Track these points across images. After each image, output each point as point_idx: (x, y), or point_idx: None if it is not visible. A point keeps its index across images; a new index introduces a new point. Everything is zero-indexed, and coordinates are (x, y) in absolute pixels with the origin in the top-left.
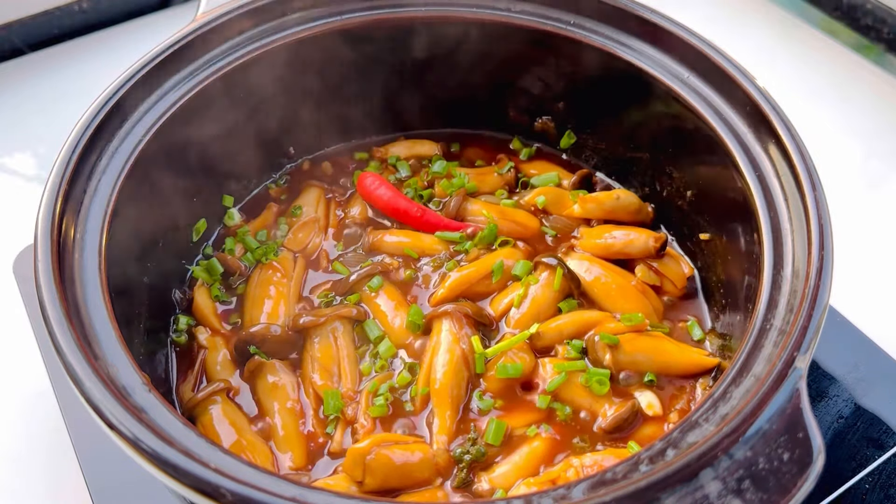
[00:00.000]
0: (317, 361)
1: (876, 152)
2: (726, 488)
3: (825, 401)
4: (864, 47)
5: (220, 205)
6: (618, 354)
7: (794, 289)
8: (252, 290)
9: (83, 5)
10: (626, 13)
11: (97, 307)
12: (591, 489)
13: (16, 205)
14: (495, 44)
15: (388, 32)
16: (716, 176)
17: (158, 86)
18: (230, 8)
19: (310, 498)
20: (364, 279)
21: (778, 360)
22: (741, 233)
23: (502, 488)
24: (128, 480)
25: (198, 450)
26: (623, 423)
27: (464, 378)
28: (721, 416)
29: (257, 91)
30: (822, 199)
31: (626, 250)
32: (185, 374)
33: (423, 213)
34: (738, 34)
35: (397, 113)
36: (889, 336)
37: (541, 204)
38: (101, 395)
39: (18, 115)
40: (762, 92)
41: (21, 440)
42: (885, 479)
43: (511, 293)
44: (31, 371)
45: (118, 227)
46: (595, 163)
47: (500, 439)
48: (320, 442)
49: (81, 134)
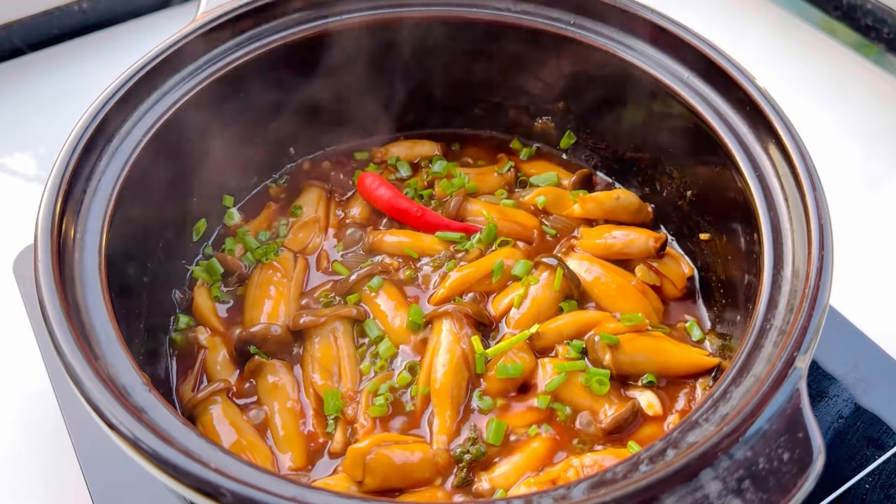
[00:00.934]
0: (317, 361)
1: (876, 152)
2: (726, 488)
3: (825, 401)
4: (864, 47)
5: (220, 205)
6: (618, 354)
7: (794, 289)
8: (252, 290)
9: (83, 5)
10: (626, 13)
11: (97, 307)
12: (591, 489)
13: (16, 205)
14: (495, 44)
15: (389, 32)
16: (716, 176)
17: (158, 86)
18: (230, 8)
19: (310, 498)
20: (364, 279)
21: (778, 360)
22: (741, 233)
23: (502, 488)
24: (128, 480)
25: (198, 450)
26: (623, 424)
27: (464, 378)
28: (721, 416)
29: (257, 91)
30: (822, 199)
31: (626, 250)
32: (185, 374)
33: (424, 213)
34: (738, 34)
35: (397, 113)
36: (889, 336)
37: (541, 204)
38: (101, 395)
39: (18, 115)
40: (762, 92)
41: (21, 440)
42: (885, 479)
43: (511, 293)
44: (31, 371)
45: (118, 227)
46: (595, 163)
47: (501, 439)
48: (320, 442)
49: (81, 134)
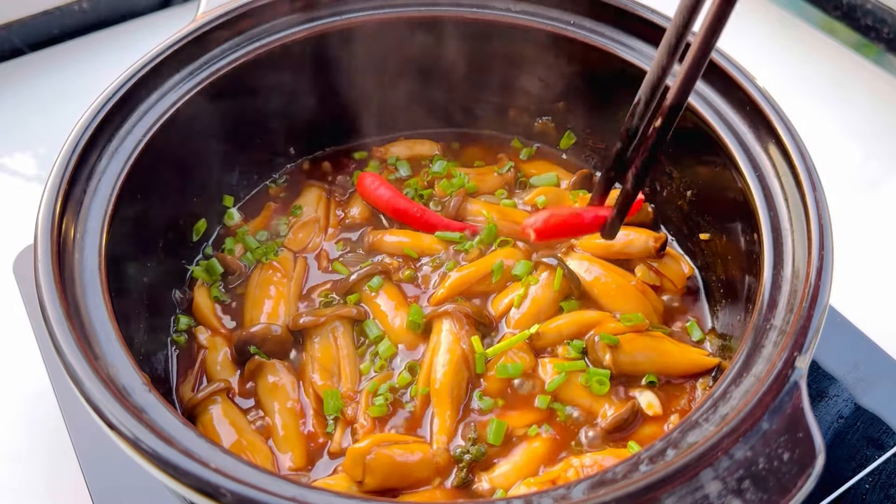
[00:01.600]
0: (317, 361)
1: (876, 152)
2: (726, 488)
3: (825, 401)
4: (864, 47)
5: (220, 205)
6: (618, 355)
7: (794, 289)
8: (252, 290)
9: (83, 5)
10: (626, 13)
11: (97, 307)
12: (591, 489)
13: (16, 205)
14: (495, 44)
15: (389, 32)
16: (716, 176)
17: (158, 86)
18: (230, 8)
19: (310, 498)
20: (364, 279)
21: (778, 360)
22: (741, 233)
23: (502, 488)
24: (128, 480)
25: (198, 450)
26: (623, 424)
27: (464, 378)
28: (721, 416)
29: (257, 91)
30: (822, 199)
31: (627, 250)
32: (185, 374)
33: (423, 213)
34: (738, 34)
35: (397, 113)
36: (889, 336)
37: (541, 204)
38: (101, 395)
39: (18, 115)
40: (762, 92)
41: (21, 440)
42: (885, 479)
43: (511, 293)
44: (31, 371)
45: (118, 227)
46: (595, 163)
47: (501, 439)
48: (320, 442)
49: (81, 134)
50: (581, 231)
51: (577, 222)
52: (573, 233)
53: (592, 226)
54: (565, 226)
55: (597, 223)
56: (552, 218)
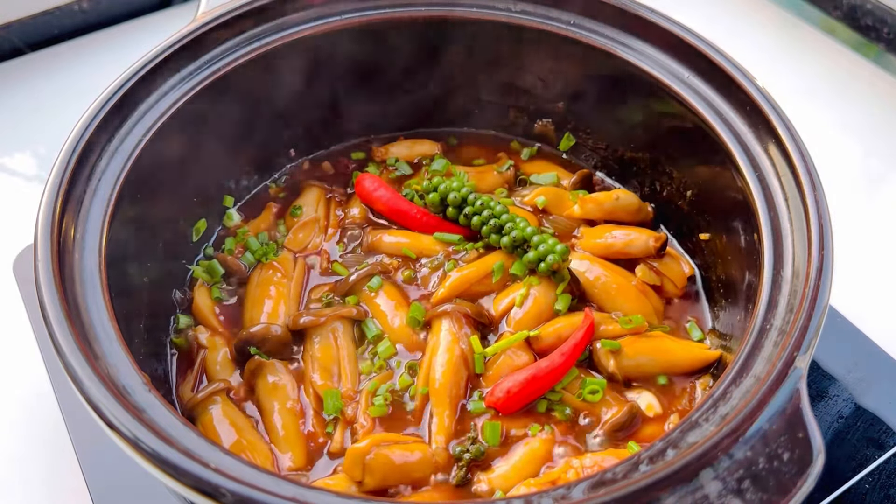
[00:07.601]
0: (317, 361)
1: (875, 152)
2: (726, 488)
3: (825, 401)
4: (864, 47)
5: (220, 205)
6: (621, 359)
7: (794, 289)
8: (252, 291)
9: (83, 5)
10: (626, 13)
11: (97, 307)
12: (591, 489)
13: (16, 205)
14: (495, 44)
15: (388, 32)
16: (716, 176)
17: (158, 86)
18: (230, 8)
19: (309, 498)
20: (364, 279)
21: (778, 360)
22: (741, 232)
23: (502, 489)
24: (128, 480)
25: (198, 450)
26: (622, 426)
27: (463, 378)
28: (721, 416)
29: (257, 91)
30: (822, 199)
31: (627, 250)
32: (185, 374)
33: (423, 215)
34: (738, 34)
35: (397, 113)
36: (889, 336)
37: (541, 204)
38: (101, 395)
39: (18, 115)
40: (762, 92)
41: (21, 440)
42: (885, 479)
43: (511, 293)
44: (31, 371)
45: (118, 227)
46: (595, 163)
47: (497, 439)
48: (320, 442)
49: (81, 134)
50: (544, 388)
51: (537, 384)
52: (538, 391)
53: (553, 377)
54: (525, 392)
55: (556, 373)
56: (513, 387)
